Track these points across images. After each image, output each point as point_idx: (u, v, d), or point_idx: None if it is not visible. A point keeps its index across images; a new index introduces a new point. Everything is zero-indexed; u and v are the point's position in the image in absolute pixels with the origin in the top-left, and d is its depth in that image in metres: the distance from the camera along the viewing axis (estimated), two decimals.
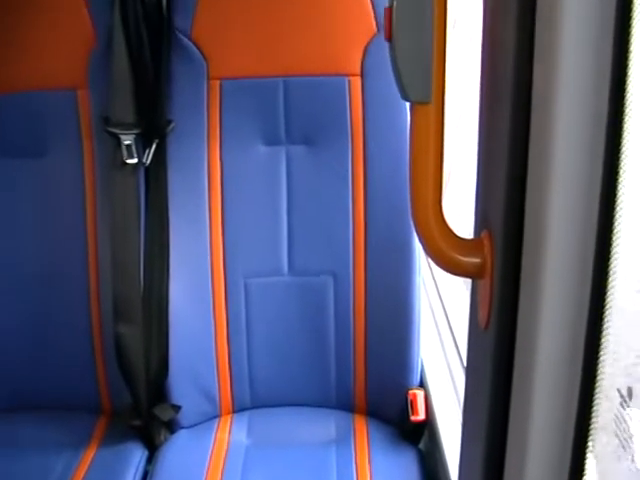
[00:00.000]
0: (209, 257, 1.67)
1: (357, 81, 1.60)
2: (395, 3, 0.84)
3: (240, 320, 1.69)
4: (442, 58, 0.86)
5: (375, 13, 1.58)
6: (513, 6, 0.75)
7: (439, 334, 1.91)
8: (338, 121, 1.62)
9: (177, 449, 1.67)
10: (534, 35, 0.73)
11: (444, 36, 0.85)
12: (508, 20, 0.76)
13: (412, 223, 0.92)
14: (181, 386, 1.69)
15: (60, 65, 1.66)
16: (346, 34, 1.60)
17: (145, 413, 1.67)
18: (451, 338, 1.85)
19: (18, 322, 1.74)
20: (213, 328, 1.69)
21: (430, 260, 0.93)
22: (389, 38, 0.84)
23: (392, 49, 0.85)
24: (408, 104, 0.88)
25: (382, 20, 1.57)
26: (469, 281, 0.95)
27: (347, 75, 1.61)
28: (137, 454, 1.65)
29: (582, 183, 0.72)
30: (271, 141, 1.65)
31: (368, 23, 1.58)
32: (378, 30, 1.58)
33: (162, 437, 1.71)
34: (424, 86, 0.85)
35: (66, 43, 1.65)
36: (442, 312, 1.98)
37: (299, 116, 1.63)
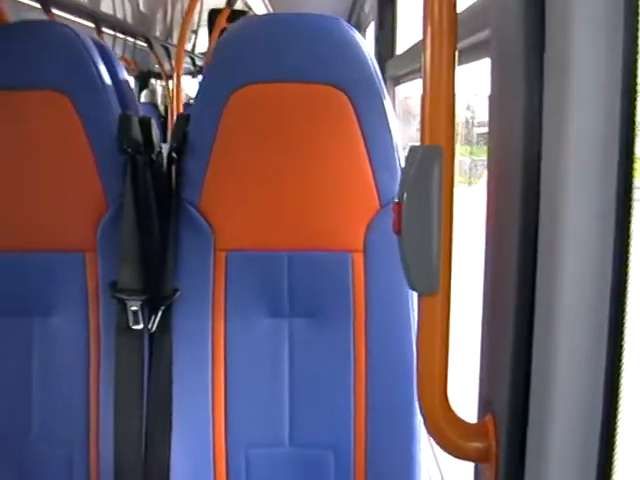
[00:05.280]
0: (211, 427, 1.67)
1: (360, 257, 1.64)
2: (405, 198, 0.88)
3: None
4: (449, 249, 0.89)
5: (378, 190, 1.63)
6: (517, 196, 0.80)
7: None
8: (341, 296, 1.65)
9: None
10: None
11: (451, 227, 0.89)
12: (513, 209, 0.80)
13: (418, 407, 0.94)
14: None
15: (70, 228, 1.70)
16: (349, 211, 1.64)
17: None
18: None
19: None
20: None
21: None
22: (398, 232, 0.88)
23: (401, 243, 0.88)
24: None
25: (385, 196, 1.62)
26: None
27: (350, 251, 1.64)
28: None
29: (587, 377, 0.75)
30: (275, 313, 1.67)
31: (371, 200, 1.63)
32: (381, 206, 1.63)
33: None
34: (431, 278, 0.89)
35: (77, 207, 1.70)
36: None
37: (303, 290, 1.66)
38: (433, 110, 0.89)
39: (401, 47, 2.88)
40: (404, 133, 3.14)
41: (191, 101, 7.55)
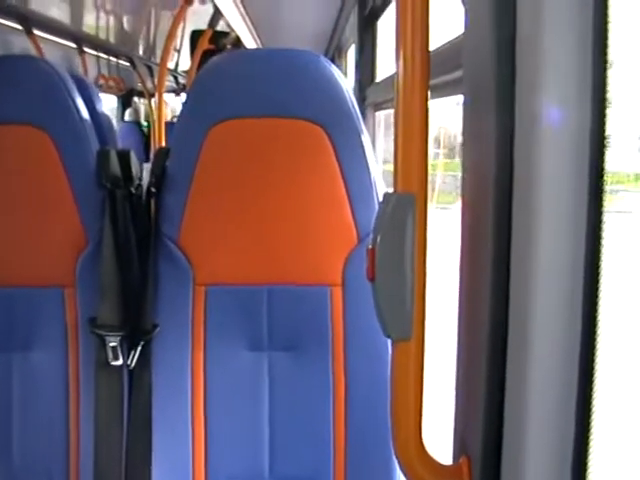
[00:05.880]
0: (191, 460, 1.67)
1: (338, 291, 1.65)
2: (378, 245, 0.89)
3: None
4: (422, 296, 0.90)
5: (356, 224, 1.64)
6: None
7: None
8: (319, 329, 1.65)
9: None
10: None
11: (424, 274, 0.90)
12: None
13: (392, 449, 0.95)
14: None
15: (49, 263, 1.70)
16: (327, 245, 1.65)
17: None
18: None
19: None
20: None
21: None
22: (372, 279, 0.89)
23: (374, 289, 0.90)
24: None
25: (363, 230, 1.63)
26: None
27: (329, 285, 1.65)
28: None
29: (559, 420, 0.76)
30: (254, 347, 1.67)
31: (349, 234, 1.64)
32: (359, 241, 1.64)
33: None
34: (405, 324, 0.90)
35: (56, 242, 1.70)
36: None
37: (282, 323, 1.67)
38: (405, 157, 0.90)
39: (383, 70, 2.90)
40: (388, 146, 3.15)
41: (174, 119, 7.56)
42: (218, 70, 1.68)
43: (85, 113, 1.72)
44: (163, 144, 4.11)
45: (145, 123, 7.61)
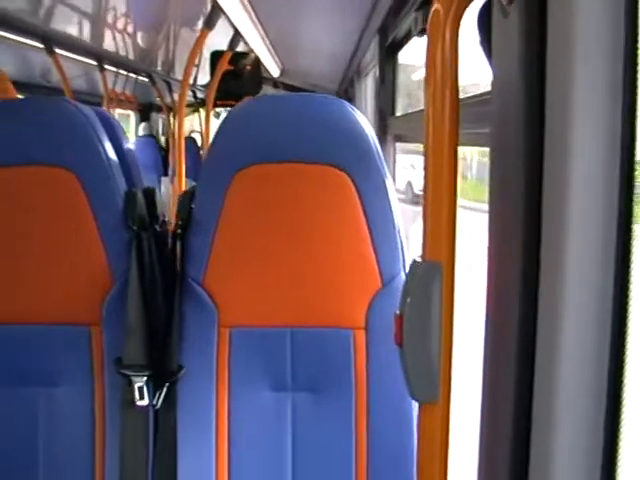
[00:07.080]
0: None
1: (361, 334, 1.67)
2: (406, 312, 0.91)
3: None
4: (449, 361, 0.92)
5: (380, 269, 1.66)
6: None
7: None
8: (342, 372, 1.68)
9: None
10: None
11: (451, 340, 0.92)
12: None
13: None
14: None
15: (76, 302, 1.73)
16: (351, 288, 1.67)
17: None
18: None
19: None
20: None
21: None
22: (400, 344, 0.92)
23: (402, 354, 0.92)
24: None
25: (387, 275, 1.66)
26: None
27: (352, 328, 1.68)
28: None
29: None
30: (278, 387, 1.70)
31: (373, 278, 1.66)
32: (383, 285, 1.66)
33: None
34: (432, 388, 0.92)
35: (83, 282, 1.73)
36: None
37: (305, 365, 1.69)
38: (434, 225, 0.92)
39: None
40: None
41: (192, 134, 7.61)
42: (242, 116, 1.71)
43: (112, 153, 1.75)
44: (182, 159, 4.12)
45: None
